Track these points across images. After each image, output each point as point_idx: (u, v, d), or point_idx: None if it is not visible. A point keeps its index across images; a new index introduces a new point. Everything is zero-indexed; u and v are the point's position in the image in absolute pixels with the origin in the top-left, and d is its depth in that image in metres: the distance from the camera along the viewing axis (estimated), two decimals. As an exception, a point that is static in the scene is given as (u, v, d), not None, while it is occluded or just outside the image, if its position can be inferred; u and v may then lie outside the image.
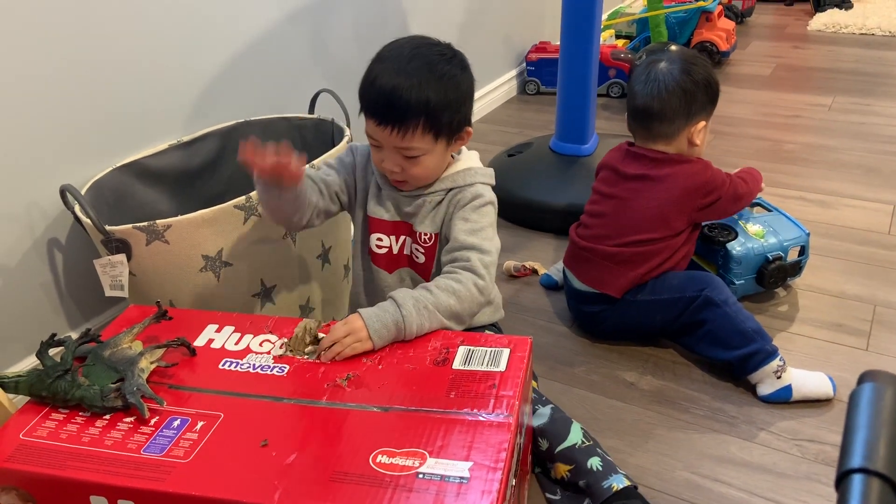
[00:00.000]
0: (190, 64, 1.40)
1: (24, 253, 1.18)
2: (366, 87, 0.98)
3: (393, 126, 0.96)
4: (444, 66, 0.97)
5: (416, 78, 0.94)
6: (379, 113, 0.96)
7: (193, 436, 0.79)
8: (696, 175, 1.25)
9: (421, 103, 0.94)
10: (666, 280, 1.27)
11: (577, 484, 0.99)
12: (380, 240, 1.09)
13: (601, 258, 1.29)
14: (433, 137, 0.98)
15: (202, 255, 1.10)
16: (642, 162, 1.29)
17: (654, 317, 1.28)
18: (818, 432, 1.12)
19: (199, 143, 1.39)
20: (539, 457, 1.03)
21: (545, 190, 1.74)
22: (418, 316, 0.92)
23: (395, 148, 0.98)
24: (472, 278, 0.96)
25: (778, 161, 2.08)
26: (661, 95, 1.25)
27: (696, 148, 1.29)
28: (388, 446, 0.76)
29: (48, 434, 0.81)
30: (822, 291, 1.46)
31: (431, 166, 1.01)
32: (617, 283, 1.28)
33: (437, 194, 1.04)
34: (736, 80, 2.81)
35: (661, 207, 1.25)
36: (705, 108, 1.28)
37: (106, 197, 1.21)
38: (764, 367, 1.17)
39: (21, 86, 1.12)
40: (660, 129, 1.27)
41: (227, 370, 0.90)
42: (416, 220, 1.06)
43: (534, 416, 1.04)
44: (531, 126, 2.36)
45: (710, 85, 1.27)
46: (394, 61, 0.96)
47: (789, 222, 1.42)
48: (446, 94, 0.96)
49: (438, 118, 0.96)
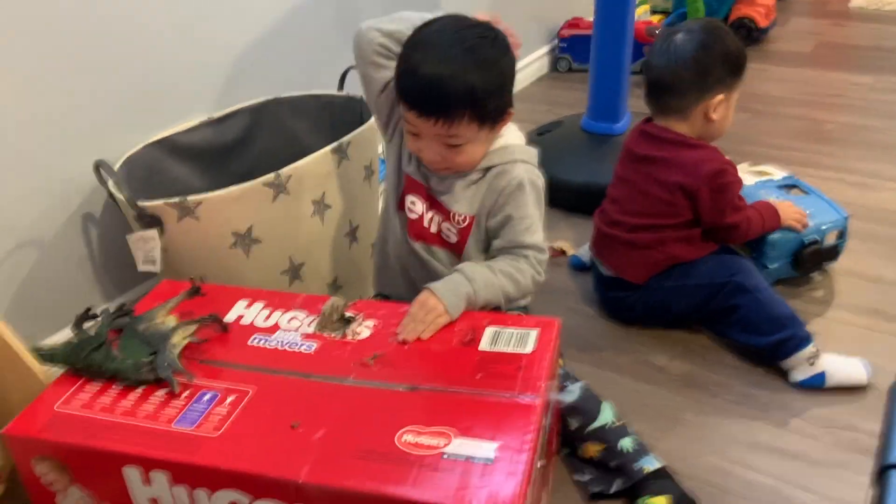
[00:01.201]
0: (221, 40, 1.40)
1: (59, 227, 1.20)
2: (405, 75, 0.93)
3: (437, 117, 0.91)
4: (486, 50, 0.92)
5: (461, 66, 0.90)
6: (421, 104, 0.92)
7: (223, 410, 0.80)
8: (700, 163, 1.18)
9: (467, 93, 0.90)
10: (694, 266, 1.24)
11: (607, 465, 0.98)
12: (412, 203, 1.04)
13: (620, 244, 1.26)
14: (478, 125, 0.94)
15: (232, 232, 1.10)
16: (651, 142, 1.24)
17: (681, 303, 1.25)
18: (852, 420, 1.10)
19: (230, 120, 1.39)
20: (568, 437, 1.02)
21: (575, 170, 1.71)
22: (485, 291, 0.95)
23: (437, 136, 0.94)
24: (532, 274, 0.99)
25: (817, 141, 2.02)
26: (672, 67, 1.18)
27: (713, 125, 1.21)
28: (415, 425, 0.77)
29: (82, 405, 0.82)
30: (860, 276, 1.43)
31: (475, 153, 0.98)
32: (637, 270, 1.26)
33: (475, 172, 1.00)
34: (775, 57, 2.73)
35: (665, 193, 1.21)
36: (723, 80, 1.18)
37: (138, 172, 1.22)
38: (797, 353, 1.14)
39: (55, 62, 1.13)
40: (672, 104, 1.21)
41: (256, 346, 0.91)
42: (448, 198, 1.01)
43: (563, 394, 1.02)
44: (562, 104, 2.32)
45: (728, 55, 1.18)
46: (434, 48, 0.91)
47: (827, 205, 1.38)
48: (491, 81, 0.92)
49: (484, 106, 0.93)
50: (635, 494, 0.95)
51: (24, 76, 1.10)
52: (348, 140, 1.22)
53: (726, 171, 1.20)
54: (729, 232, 1.24)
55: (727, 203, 1.20)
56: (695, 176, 1.18)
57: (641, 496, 0.94)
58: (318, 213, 1.21)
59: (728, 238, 1.25)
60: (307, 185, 1.17)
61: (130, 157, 1.21)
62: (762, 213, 1.27)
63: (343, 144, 1.21)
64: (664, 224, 1.23)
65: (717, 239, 1.25)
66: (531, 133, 1.94)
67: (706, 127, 1.22)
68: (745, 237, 1.26)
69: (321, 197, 1.20)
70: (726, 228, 1.23)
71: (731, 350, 1.25)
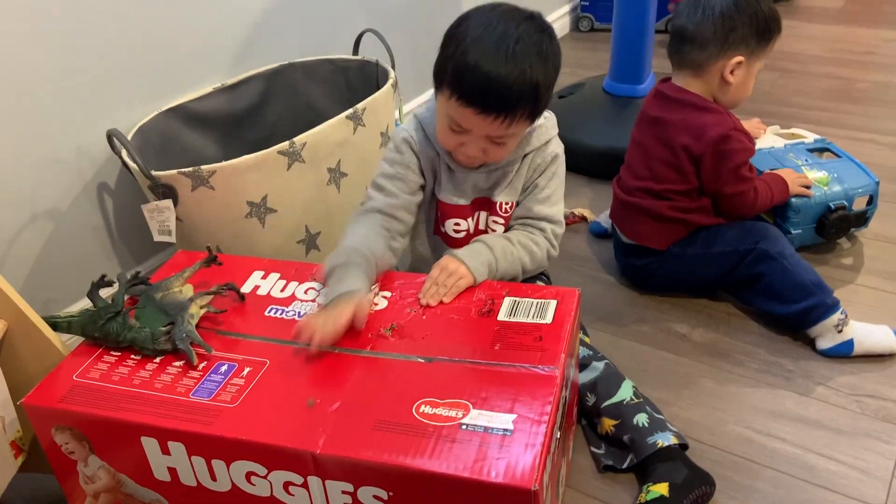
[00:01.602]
0: (233, 5, 1.37)
1: (74, 197, 1.19)
2: (464, 71, 0.87)
3: (499, 114, 0.88)
4: (547, 44, 0.89)
5: (529, 63, 0.86)
6: (484, 102, 0.87)
7: (240, 381, 0.80)
8: (708, 127, 1.14)
9: (532, 89, 0.88)
10: (718, 233, 1.21)
11: (621, 439, 0.97)
12: (457, 224, 1.04)
13: (637, 212, 1.24)
14: (531, 121, 0.93)
15: (247, 202, 1.09)
16: (663, 103, 1.20)
17: (705, 271, 1.23)
18: (879, 388, 1.08)
19: (244, 87, 1.37)
20: (585, 411, 1.02)
21: (597, 134, 1.67)
22: (504, 260, 0.96)
23: (488, 134, 0.91)
24: (547, 247, 1.01)
25: (849, 101, 1.95)
26: (698, 19, 1.14)
27: (729, 89, 1.16)
28: (432, 396, 0.76)
29: (101, 376, 0.82)
30: (890, 240, 1.39)
31: (513, 146, 0.97)
32: (656, 237, 1.23)
33: (514, 162, 1.00)
34: (805, 13, 2.64)
35: (670, 155, 1.17)
36: (747, 42, 1.13)
37: (152, 141, 1.21)
38: (824, 320, 1.12)
39: (65, 31, 1.11)
40: (691, 55, 1.16)
41: (272, 317, 0.90)
42: (494, 191, 1.01)
43: (587, 370, 1.02)
44: (584, 65, 2.27)
45: (757, 17, 1.13)
46: (498, 42, 0.86)
47: (858, 169, 1.33)
48: (550, 76, 0.90)
49: (542, 101, 0.91)
50: (645, 476, 0.93)
51: (34, 46, 1.08)
52: (363, 106, 1.20)
53: (731, 137, 1.14)
54: (731, 202, 1.19)
55: (729, 171, 1.15)
56: (700, 139, 1.15)
57: (647, 482, 0.92)
58: (333, 181, 1.19)
59: (732, 210, 1.20)
60: (322, 153, 1.15)
61: (143, 125, 1.20)
62: (770, 186, 1.23)
63: (358, 111, 1.19)
64: (673, 190, 1.19)
65: (722, 211, 1.21)
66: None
67: (722, 89, 1.17)
68: (751, 210, 1.21)
69: (337, 165, 1.19)
70: (728, 198, 1.18)
71: (754, 317, 1.23)
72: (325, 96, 1.45)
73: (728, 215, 1.22)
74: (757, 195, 1.19)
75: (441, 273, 0.91)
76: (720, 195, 1.19)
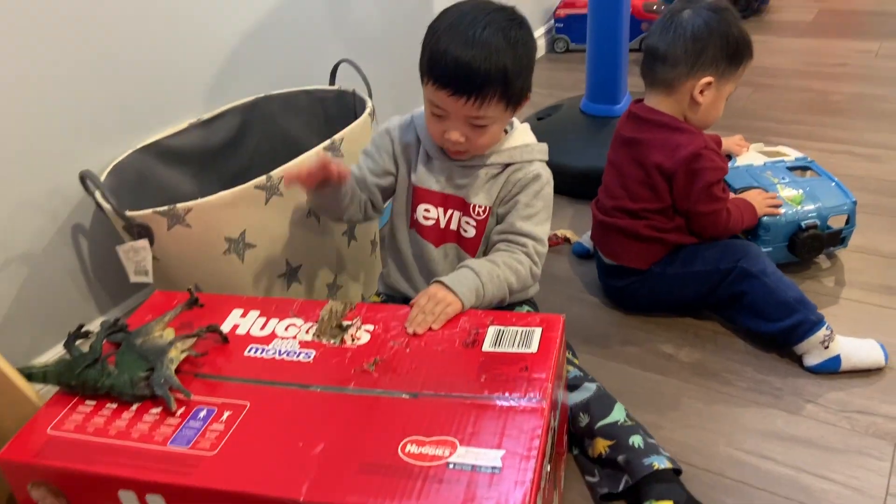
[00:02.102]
0: (207, 39, 1.36)
1: (48, 240, 1.17)
2: (436, 57, 0.93)
3: (469, 96, 0.93)
4: (515, 31, 0.94)
5: (494, 46, 0.91)
6: (454, 83, 0.92)
7: (220, 427, 0.78)
8: (680, 146, 1.15)
9: (500, 72, 0.92)
10: (698, 252, 1.21)
11: (615, 460, 0.96)
12: (427, 210, 1.06)
13: (615, 232, 1.24)
14: (505, 105, 0.96)
15: (225, 238, 1.08)
16: (636, 124, 1.21)
17: (686, 291, 1.22)
18: (869, 403, 1.07)
19: (220, 121, 1.36)
20: (578, 433, 1.01)
21: (576, 154, 1.67)
22: (491, 285, 0.96)
23: (466, 117, 0.95)
24: (530, 265, 1.01)
25: (824, 113, 1.98)
26: (669, 37, 1.15)
27: (699, 109, 1.17)
28: (418, 434, 0.74)
29: (76, 427, 0.80)
30: (872, 252, 1.39)
31: (495, 133, 1.00)
32: (636, 257, 1.23)
33: (494, 167, 1.03)
34: (777, 27, 2.68)
35: (643, 174, 1.19)
36: (716, 63, 1.14)
37: (127, 180, 1.19)
38: (809, 337, 1.11)
39: (36, 71, 1.10)
40: (662, 74, 1.17)
41: (252, 357, 0.88)
42: (469, 191, 1.04)
43: (578, 391, 1.02)
44: (561, 86, 2.28)
45: (728, 40, 1.14)
46: (465, 29, 0.92)
47: (835, 189, 1.33)
48: (520, 61, 0.94)
49: (513, 86, 0.95)
50: (640, 497, 0.92)
51: (2, 86, 1.07)
52: (341, 137, 1.19)
53: (703, 155, 1.14)
54: (703, 222, 1.19)
55: (701, 190, 1.15)
56: (672, 158, 1.15)
57: (646, 500, 0.91)
58: (313, 213, 1.18)
59: (704, 230, 1.20)
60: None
61: (118, 164, 1.18)
62: (740, 209, 1.23)
63: (336, 142, 1.18)
64: (648, 209, 1.20)
65: (694, 232, 1.21)
66: (530, 118, 1.90)
67: (692, 109, 1.18)
68: (724, 230, 1.21)
69: (315, 196, 1.17)
70: (700, 217, 1.18)
71: (741, 335, 1.23)
72: (302, 127, 1.44)
73: (701, 236, 1.22)
74: (730, 216, 1.20)
75: (429, 301, 0.91)
76: (692, 214, 1.19)
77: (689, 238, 1.22)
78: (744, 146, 1.48)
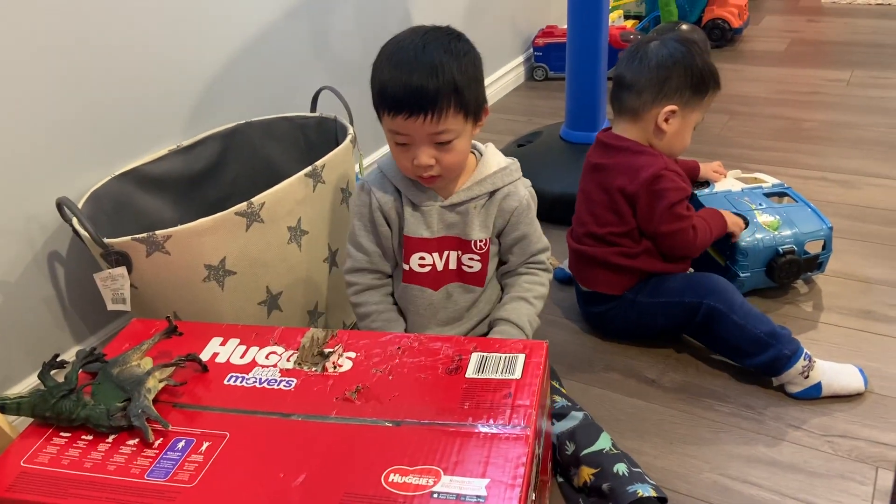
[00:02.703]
0: (187, 66, 1.36)
1: (24, 268, 1.15)
2: (385, 87, 0.95)
3: (426, 113, 0.93)
4: (455, 44, 0.96)
5: (437, 60, 0.93)
6: (408, 105, 0.93)
7: (199, 458, 0.76)
8: (642, 168, 1.17)
9: (448, 82, 0.93)
10: (666, 282, 1.22)
11: (600, 488, 0.95)
12: (422, 258, 1.06)
13: (587, 259, 1.25)
14: (464, 117, 0.97)
15: (204, 265, 1.06)
16: (603, 150, 1.24)
17: (660, 320, 1.23)
18: (850, 427, 1.08)
19: (200, 147, 1.35)
20: (564, 462, 1.00)
21: (557, 180, 1.68)
22: (531, 328, 1.06)
23: (429, 136, 0.95)
24: (548, 277, 1.11)
25: (797, 140, 2.01)
26: (635, 66, 1.18)
27: (664, 137, 1.19)
28: (401, 464, 0.73)
29: (50, 460, 0.78)
30: (849, 276, 1.41)
31: (463, 150, 1.00)
32: (610, 283, 1.25)
33: (480, 198, 1.04)
34: (749, 57, 2.73)
35: (607, 198, 1.21)
36: (681, 92, 1.16)
37: (105, 207, 1.18)
38: (788, 370, 1.11)
39: (12, 97, 1.09)
40: (628, 102, 1.20)
41: (232, 385, 0.87)
42: (466, 228, 1.05)
43: (566, 419, 1.01)
44: (540, 114, 2.31)
45: (692, 71, 1.16)
46: (407, 52, 0.94)
47: (812, 214, 1.35)
48: (467, 70, 0.96)
49: (465, 95, 0.95)
50: None
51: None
52: (322, 163, 1.19)
53: (664, 176, 1.16)
54: (670, 242, 1.20)
55: (664, 210, 1.16)
56: (634, 180, 1.17)
57: None
58: (294, 239, 1.17)
59: (673, 250, 1.21)
60: (281, 212, 1.13)
61: (96, 191, 1.17)
62: (707, 220, 1.24)
63: (317, 168, 1.18)
64: (614, 233, 1.21)
65: (664, 252, 1.22)
66: (510, 145, 1.92)
67: (657, 136, 1.20)
68: (692, 248, 1.22)
69: (297, 223, 1.17)
70: (666, 237, 1.19)
71: (722, 359, 1.23)
72: (283, 154, 1.44)
73: (671, 257, 1.23)
74: (696, 233, 1.20)
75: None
76: (658, 235, 1.20)
77: (659, 264, 1.22)
78: (721, 173, 1.50)
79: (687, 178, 1.23)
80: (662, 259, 1.23)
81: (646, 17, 2.90)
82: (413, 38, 0.96)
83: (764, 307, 1.32)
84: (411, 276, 1.07)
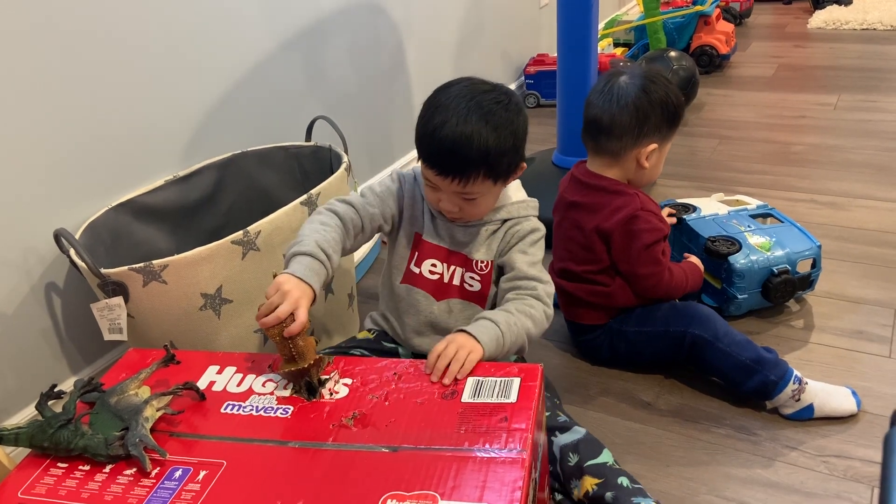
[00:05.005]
0: (183, 97, 1.38)
1: (22, 299, 1.16)
2: (425, 137, 0.98)
3: (454, 177, 0.97)
4: (501, 113, 0.98)
5: (476, 130, 0.95)
6: (440, 164, 0.98)
7: (196, 487, 0.76)
8: (619, 209, 1.18)
9: (482, 155, 0.96)
10: (651, 311, 1.23)
11: (602, 497, 0.95)
12: (433, 265, 1.09)
13: (567, 294, 1.27)
14: (493, 182, 1.00)
15: (201, 294, 1.07)
16: (579, 188, 1.24)
17: (643, 349, 1.24)
18: (845, 447, 1.08)
19: (196, 177, 1.37)
20: (565, 473, 1.00)
21: (550, 206, 1.70)
22: (510, 334, 0.96)
23: (455, 192, 1.00)
24: (542, 308, 1.02)
25: (786, 164, 2.04)
26: (612, 109, 1.17)
27: (644, 172, 1.20)
28: (398, 490, 0.73)
29: (47, 491, 0.78)
30: (840, 297, 1.43)
31: (488, 204, 1.05)
32: (591, 315, 1.26)
33: (493, 223, 1.08)
34: (738, 82, 2.78)
35: (582, 237, 1.22)
36: (659, 129, 1.18)
37: (102, 237, 1.19)
38: (778, 395, 1.12)
39: (9, 128, 1.10)
40: (607, 145, 1.19)
41: (229, 414, 0.87)
42: (471, 248, 1.08)
43: (569, 433, 1.02)
44: (533, 140, 2.34)
45: (667, 106, 1.17)
46: (452, 112, 0.96)
47: (800, 234, 1.38)
48: (505, 142, 0.97)
49: (498, 165, 0.98)
50: None
51: (-21, 146, 1.07)
52: (318, 191, 1.21)
53: (639, 217, 1.17)
54: (644, 284, 1.21)
55: (639, 251, 1.18)
56: (610, 220, 1.18)
57: None
58: (290, 267, 1.18)
59: (645, 292, 1.22)
60: (277, 240, 1.14)
61: (93, 222, 1.18)
62: (685, 272, 1.26)
63: (312, 196, 1.19)
64: (590, 270, 1.22)
65: (638, 292, 1.23)
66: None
67: (637, 173, 1.22)
68: (665, 292, 1.22)
69: (292, 251, 1.18)
70: (640, 279, 1.20)
71: (717, 381, 1.23)
72: (279, 183, 1.45)
73: (643, 298, 1.23)
74: (672, 276, 1.22)
75: (459, 349, 0.90)
76: (633, 276, 1.21)
77: (635, 299, 1.23)
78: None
79: (663, 217, 1.24)
80: (636, 296, 1.23)
81: (635, 45, 2.96)
82: (459, 97, 0.97)
83: (757, 328, 1.34)
84: (418, 279, 1.09)
